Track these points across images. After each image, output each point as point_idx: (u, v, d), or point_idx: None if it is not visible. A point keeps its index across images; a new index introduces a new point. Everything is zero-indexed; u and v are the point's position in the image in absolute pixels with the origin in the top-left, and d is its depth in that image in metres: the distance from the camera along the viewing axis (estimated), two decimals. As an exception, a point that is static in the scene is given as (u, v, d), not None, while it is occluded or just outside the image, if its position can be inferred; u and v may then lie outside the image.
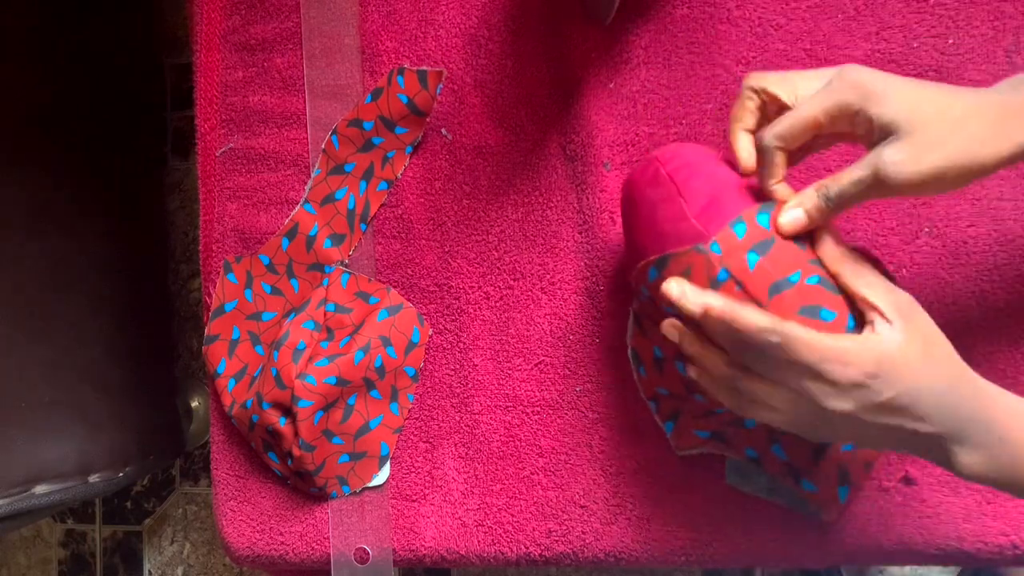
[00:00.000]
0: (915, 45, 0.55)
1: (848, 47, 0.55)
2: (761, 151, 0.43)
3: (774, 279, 0.41)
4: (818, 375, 0.38)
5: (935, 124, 0.38)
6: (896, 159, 0.38)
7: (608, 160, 0.59)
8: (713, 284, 0.42)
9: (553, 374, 0.59)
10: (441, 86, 0.61)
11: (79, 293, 1.00)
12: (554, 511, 0.59)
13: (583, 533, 0.58)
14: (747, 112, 0.44)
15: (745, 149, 0.44)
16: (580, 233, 0.59)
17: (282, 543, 0.63)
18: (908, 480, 0.54)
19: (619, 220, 0.58)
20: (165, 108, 1.31)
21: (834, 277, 0.41)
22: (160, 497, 1.32)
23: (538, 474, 0.59)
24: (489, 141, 0.61)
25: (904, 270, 0.55)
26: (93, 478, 0.97)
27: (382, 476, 0.61)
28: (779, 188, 0.43)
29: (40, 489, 0.89)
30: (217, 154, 0.65)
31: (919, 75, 0.54)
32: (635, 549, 0.58)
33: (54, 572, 1.37)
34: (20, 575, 1.38)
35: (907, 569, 1.11)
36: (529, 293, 0.60)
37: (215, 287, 0.64)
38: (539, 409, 0.59)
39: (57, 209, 0.98)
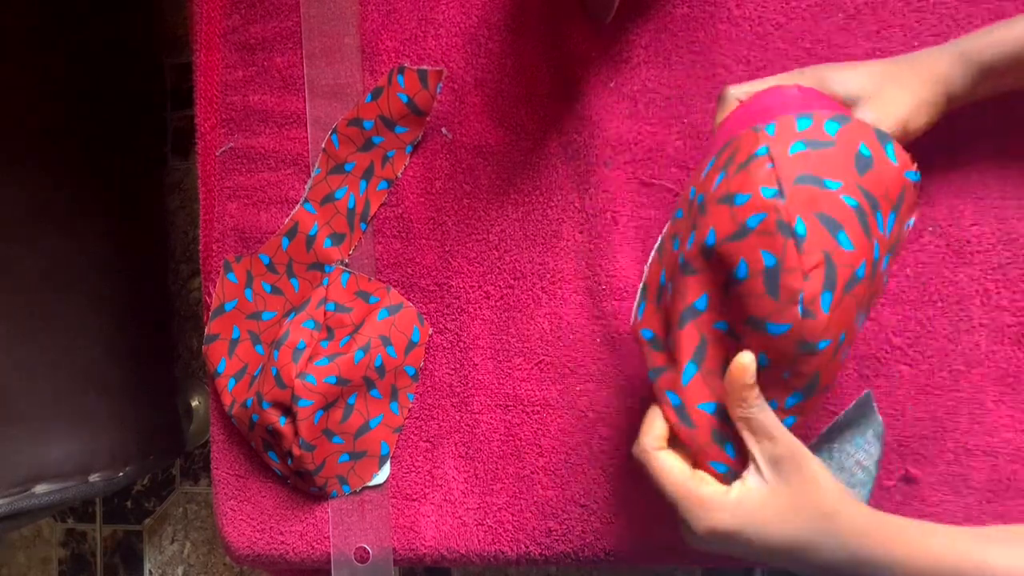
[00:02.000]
0: (916, 44, 0.54)
1: (848, 46, 0.55)
2: None
3: (808, 171, 0.39)
4: (680, 512, 0.42)
5: (890, 84, 0.45)
6: (870, 119, 0.43)
7: (609, 159, 0.58)
8: (751, 159, 0.40)
9: (553, 374, 0.59)
10: (441, 85, 0.61)
11: (79, 293, 1.00)
12: (554, 510, 0.59)
13: (583, 532, 0.58)
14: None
15: None
16: (581, 233, 0.59)
17: (282, 542, 0.63)
18: (908, 479, 0.54)
19: (620, 219, 0.58)
20: (165, 108, 1.31)
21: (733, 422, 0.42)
22: (160, 497, 1.32)
23: (538, 473, 0.59)
24: (489, 140, 0.61)
25: (908, 269, 0.55)
26: (93, 478, 0.97)
27: (382, 475, 0.61)
28: None
29: (40, 489, 0.89)
30: (217, 153, 0.65)
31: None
32: (635, 548, 0.58)
33: (54, 571, 1.37)
34: (20, 575, 1.38)
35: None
36: (529, 293, 0.60)
37: (215, 286, 0.64)
38: (539, 408, 0.59)
39: (57, 209, 0.98)
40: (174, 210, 1.31)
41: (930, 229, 0.55)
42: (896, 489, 0.54)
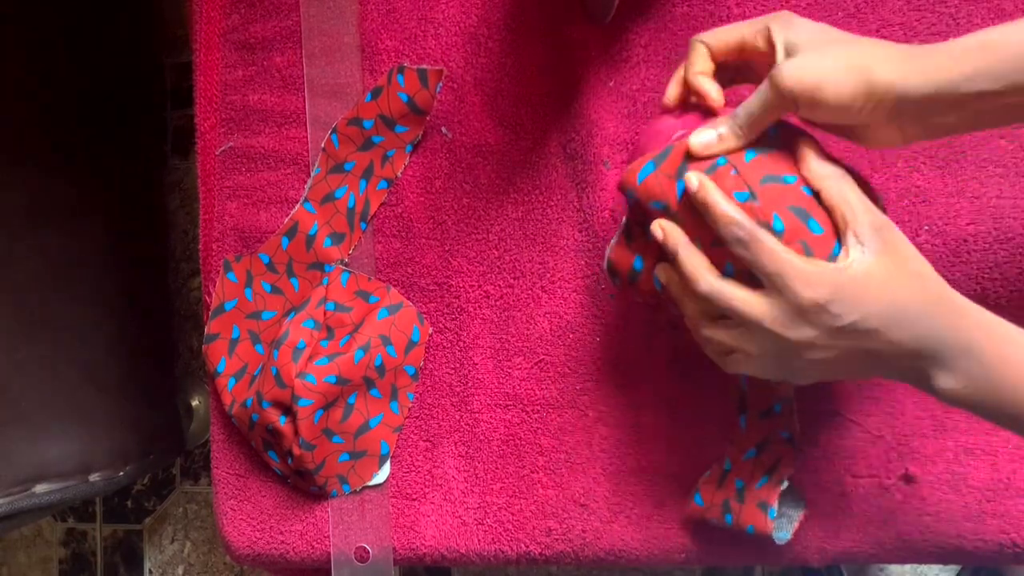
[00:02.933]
0: (915, 43, 0.54)
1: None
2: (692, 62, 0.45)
3: (770, 172, 0.41)
4: (778, 292, 0.39)
5: (833, 45, 0.40)
6: (788, 65, 0.39)
7: (608, 158, 0.59)
8: (710, 169, 0.42)
9: (553, 373, 0.59)
10: (441, 84, 0.61)
11: (79, 292, 1.01)
12: (554, 510, 0.59)
13: (583, 532, 0.58)
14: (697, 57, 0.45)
15: (674, 88, 0.46)
16: (580, 232, 0.59)
17: (282, 542, 0.63)
18: (908, 478, 0.54)
19: (619, 219, 0.58)
20: (165, 107, 1.31)
21: (817, 193, 0.41)
22: (160, 496, 1.33)
23: (538, 473, 0.59)
24: (489, 140, 0.61)
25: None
26: (93, 477, 0.97)
27: (382, 475, 0.61)
28: (703, 80, 0.44)
29: (40, 488, 0.90)
30: (217, 153, 0.65)
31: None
32: (635, 547, 0.58)
33: (55, 571, 1.37)
34: (21, 574, 1.38)
35: (907, 567, 1.11)
36: (529, 292, 0.60)
37: (215, 286, 0.64)
38: (539, 408, 0.59)
39: (57, 209, 0.98)
40: (174, 209, 1.31)
41: (927, 228, 0.55)
42: (896, 488, 0.55)
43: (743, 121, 0.42)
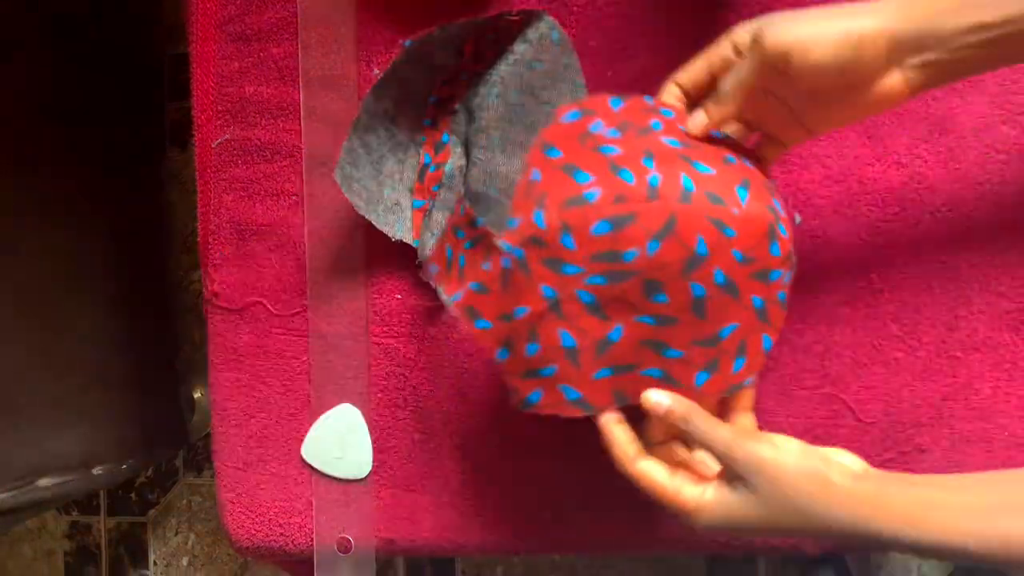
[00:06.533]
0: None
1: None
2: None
3: (625, 119, 0.44)
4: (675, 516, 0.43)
5: (807, 11, 0.39)
6: (769, 24, 0.39)
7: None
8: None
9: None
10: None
11: (80, 285, 1.01)
12: (553, 500, 0.59)
13: (582, 522, 0.58)
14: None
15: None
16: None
17: (282, 535, 0.63)
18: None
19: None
20: (163, 99, 1.31)
21: (695, 435, 0.43)
22: (164, 488, 1.33)
23: (536, 462, 0.59)
24: (486, 130, 0.60)
25: (906, 255, 0.55)
26: (96, 470, 0.97)
27: (366, 468, 0.61)
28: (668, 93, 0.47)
29: (44, 482, 0.90)
30: (213, 145, 0.65)
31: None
32: (635, 537, 0.58)
33: (60, 564, 1.38)
34: (26, 567, 1.39)
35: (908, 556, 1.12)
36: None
37: (215, 280, 0.64)
38: (538, 398, 0.59)
39: (56, 202, 0.98)
40: (173, 201, 1.31)
41: (929, 214, 0.54)
42: (895, 476, 0.55)
43: (728, 92, 0.42)
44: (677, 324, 0.43)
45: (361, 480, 0.62)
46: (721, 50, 0.43)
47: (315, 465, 0.62)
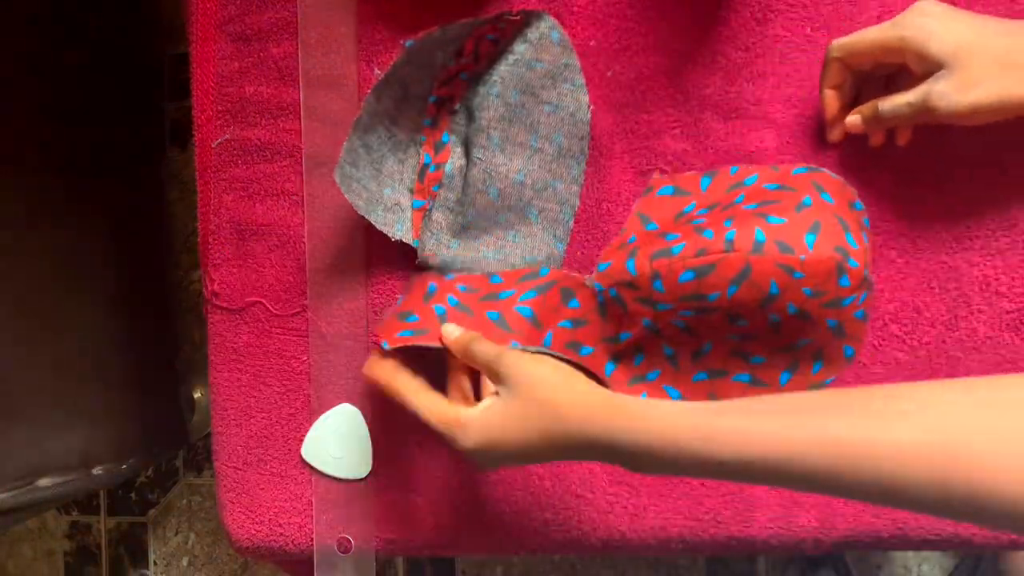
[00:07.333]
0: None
1: (850, 32, 0.55)
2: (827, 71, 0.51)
3: (715, 201, 0.53)
4: (448, 438, 0.46)
5: (978, 61, 0.44)
6: (943, 91, 0.45)
7: (606, 148, 0.58)
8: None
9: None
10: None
11: (80, 286, 1.01)
12: (551, 501, 0.59)
13: (580, 523, 0.58)
14: (831, 72, 0.51)
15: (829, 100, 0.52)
16: (577, 222, 0.59)
17: (281, 535, 0.63)
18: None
19: (616, 209, 0.58)
20: (163, 99, 1.31)
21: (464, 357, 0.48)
22: (164, 488, 1.33)
23: (536, 463, 0.59)
24: (486, 130, 0.60)
25: (906, 256, 0.55)
26: (96, 470, 0.97)
27: (366, 468, 0.61)
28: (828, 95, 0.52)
29: (44, 482, 0.90)
30: (213, 145, 0.65)
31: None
32: (633, 538, 0.58)
33: (60, 564, 1.38)
34: (26, 567, 1.39)
35: (909, 555, 1.12)
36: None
37: (215, 280, 0.64)
38: (538, 398, 0.59)
39: (56, 202, 0.98)
40: (174, 201, 1.31)
41: (929, 215, 0.54)
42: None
43: (886, 115, 0.49)
44: (758, 339, 0.51)
45: (361, 480, 0.62)
46: (888, 50, 0.48)
47: (315, 465, 0.62)
